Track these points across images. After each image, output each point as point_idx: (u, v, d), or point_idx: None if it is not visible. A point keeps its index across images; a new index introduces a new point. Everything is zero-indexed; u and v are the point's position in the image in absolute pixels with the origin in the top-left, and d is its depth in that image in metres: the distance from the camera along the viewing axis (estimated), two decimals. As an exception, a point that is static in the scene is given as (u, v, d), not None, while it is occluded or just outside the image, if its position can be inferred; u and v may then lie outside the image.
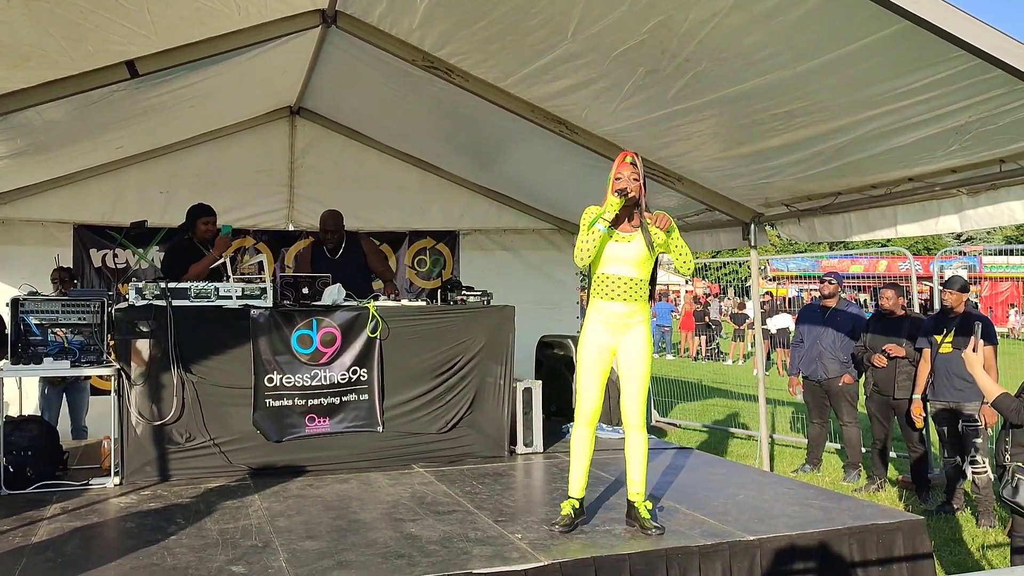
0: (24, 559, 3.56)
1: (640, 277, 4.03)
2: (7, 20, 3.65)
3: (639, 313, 4.05)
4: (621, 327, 4.05)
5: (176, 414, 5.01)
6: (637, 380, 4.08)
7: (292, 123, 7.91)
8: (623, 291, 4.01)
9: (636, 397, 4.10)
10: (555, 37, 4.37)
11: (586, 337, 4.13)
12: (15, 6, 3.53)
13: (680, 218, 7.21)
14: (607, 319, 4.05)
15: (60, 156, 6.53)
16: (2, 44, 3.91)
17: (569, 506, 4.11)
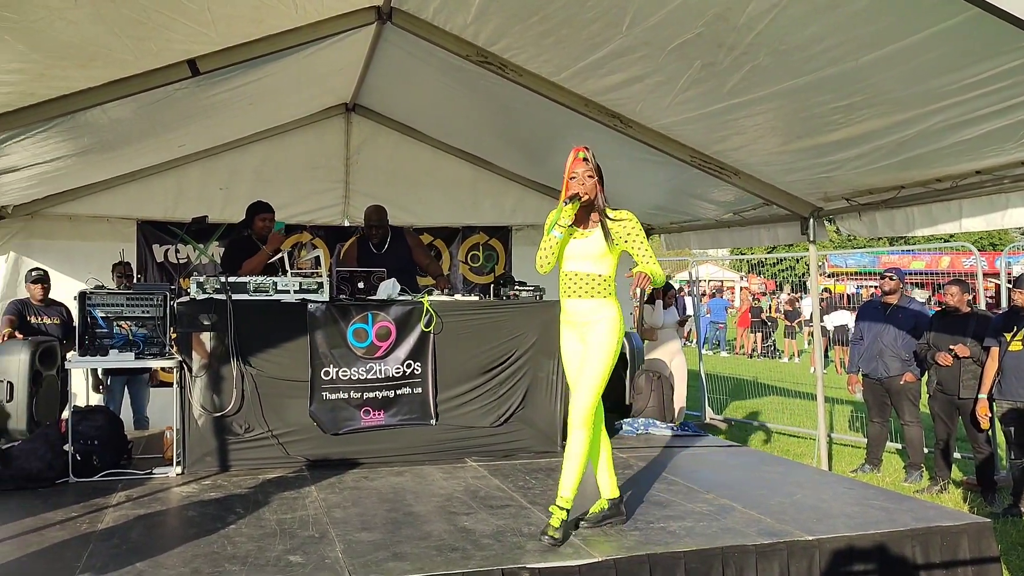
0: (91, 545, 3.66)
1: (600, 273, 3.90)
2: (75, 20, 3.75)
3: (603, 309, 3.89)
4: (585, 324, 3.91)
5: (235, 406, 5.11)
6: (587, 375, 3.87)
7: (348, 120, 8.00)
8: (583, 288, 3.89)
9: (583, 392, 3.87)
10: (610, 31, 4.34)
11: (561, 343, 4.07)
12: (82, 5, 3.62)
13: (737, 212, 7.12)
14: (571, 318, 3.96)
15: (124, 154, 6.71)
16: (70, 44, 4.03)
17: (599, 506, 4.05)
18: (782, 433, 9.63)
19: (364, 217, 6.63)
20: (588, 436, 3.91)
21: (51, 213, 7.40)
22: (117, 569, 3.35)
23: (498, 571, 3.42)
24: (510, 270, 8.51)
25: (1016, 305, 6.19)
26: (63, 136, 5.36)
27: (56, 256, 7.29)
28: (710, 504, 4.44)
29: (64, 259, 7.29)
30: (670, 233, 8.75)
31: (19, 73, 4.11)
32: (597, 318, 3.90)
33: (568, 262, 3.94)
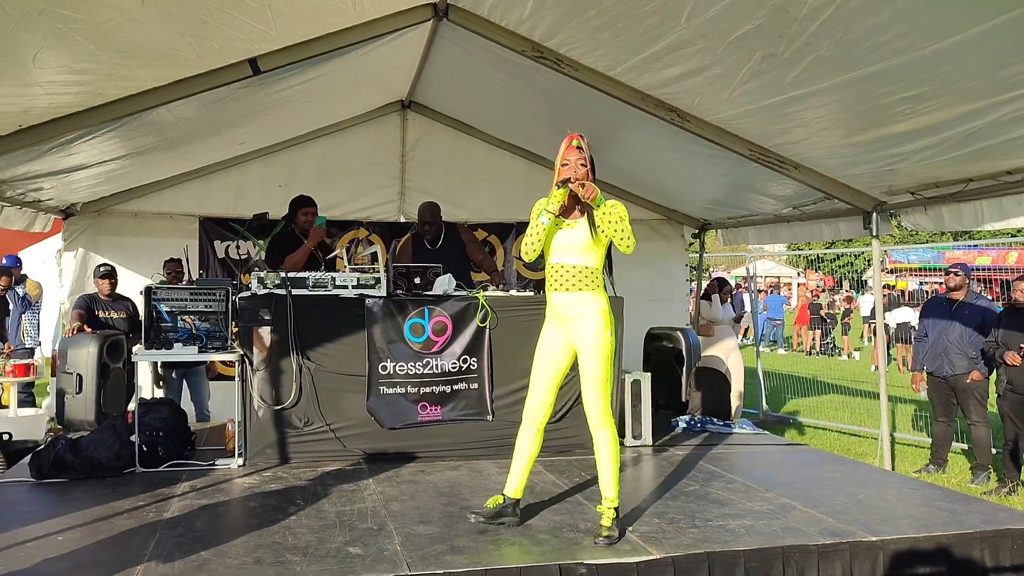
0: (158, 533, 3.76)
1: (586, 264, 3.80)
2: (143, 20, 3.84)
3: (589, 303, 3.80)
4: (571, 319, 3.83)
5: (295, 399, 5.20)
6: (591, 375, 3.81)
7: (403, 116, 8.07)
8: (568, 280, 3.81)
9: (593, 393, 3.83)
10: (668, 23, 4.28)
11: (541, 334, 3.99)
12: (149, 6, 3.71)
13: (796, 207, 7.00)
14: (556, 311, 3.88)
15: (188, 151, 6.86)
16: (137, 44, 4.13)
17: (494, 501, 3.98)
18: (842, 432, 9.44)
19: (417, 214, 6.67)
20: (613, 433, 3.89)
21: (117, 210, 7.61)
22: (183, 557, 3.43)
23: (555, 567, 3.41)
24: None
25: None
26: (130, 135, 5.51)
27: (122, 252, 7.49)
28: (770, 503, 4.37)
29: (130, 255, 7.48)
30: (727, 228, 8.63)
31: (89, 73, 4.23)
32: (584, 312, 3.80)
33: (553, 254, 3.86)
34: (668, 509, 4.23)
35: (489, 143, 8.24)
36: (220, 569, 3.31)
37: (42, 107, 4.51)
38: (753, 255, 11.48)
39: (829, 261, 32.10)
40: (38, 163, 5.49)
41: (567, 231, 3.84)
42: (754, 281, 11.62)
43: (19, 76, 3.95)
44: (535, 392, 3.99)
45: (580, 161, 3.80)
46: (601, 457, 3.87)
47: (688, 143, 5.98)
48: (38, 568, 3.31)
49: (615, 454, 3.88)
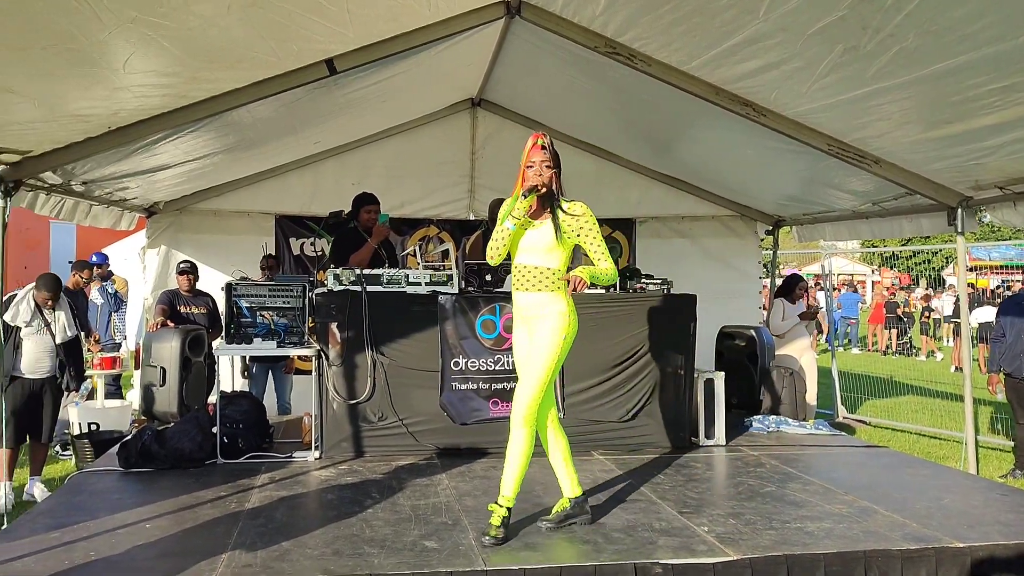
0: (240, 523, 3.87)
1: (549, 265, 3.79)
2: (226, 26, 3.95)
3: (550, 304, 3.79)
4: (532, 319, 3.83)
5: (369, 394, 5.28)
6: (531, 373, 3.77)
7: (473, 114, 8.11)
8: (530, 280, 3.80)
9: (526, 390, 3.78)
10: (745, 17, 4.20)
11: (514, 337, 3.99)
12: (233, 12, 3.81)
13: (876, 203, 6.81)
14: (520, 312, 3.88)
15: (265, 151, 7.03)
16: (221, 48, 4.24)
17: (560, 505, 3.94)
18: (921, 434, 9.16)
19: (488, 210, 6.70)
20: (529, 435, 3.82)
21: (197, 209, 7.84)
22: (265, 547, 3.52)
23: (631, 565, 3.40)
24: (634, 262, 8.43)
25: None
26: (210, 135, 5.67)
27: (202, 249, 7.72)
28: (849, 506, 4.27)
29: (209, 252, 7.71)
30: (802, 225, 8.44)
31: (175, 76, 4.37)
32: (545, 312, 3.80)
33: (519, 254, 3.85)
34: (744, 510, 4.17)
35: (559, 140, 8.11)
36: (301, 560, 3.39)
37: (130, 109, 4.66)
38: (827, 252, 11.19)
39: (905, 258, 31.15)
40: (125, 163, 5.68)
41: (532, 232, 3.84)
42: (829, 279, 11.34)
43: (110, 80, 4.10)
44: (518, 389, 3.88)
45: (545, 163, 3.77)
46: (513, 456, 3.81)
47: (763, 138, 5.86)
48: (129, 554, 3.44)
49: (527, 456, 3.82)
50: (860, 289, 26.30)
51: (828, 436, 6.27)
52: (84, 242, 16.83)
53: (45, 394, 5.97)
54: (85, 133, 4.81)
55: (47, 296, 5.86)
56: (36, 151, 4.85)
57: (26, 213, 5.71)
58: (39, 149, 4.84)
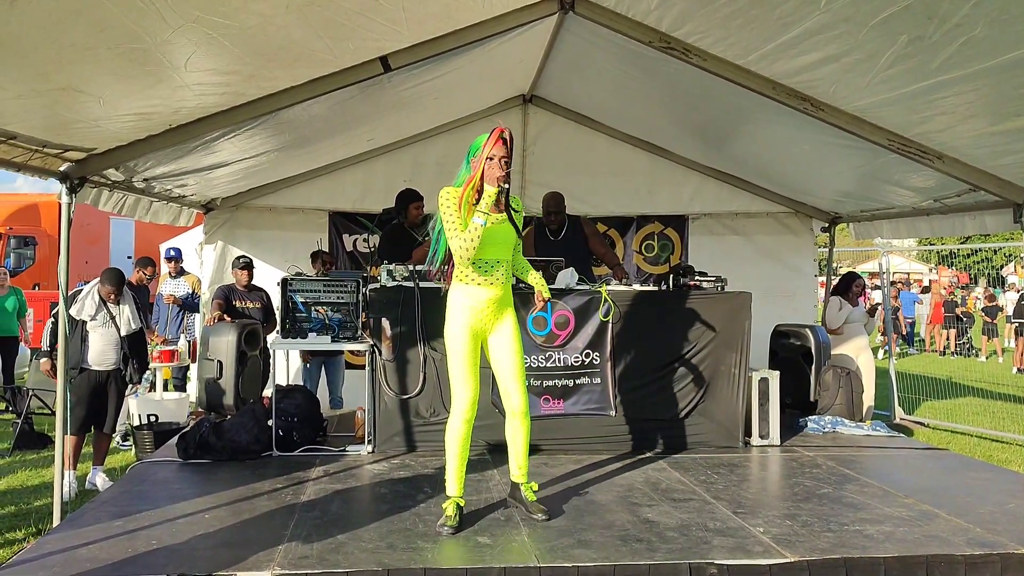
0: (296, 515, 3.93)
1: (510, 260, 3.95)
2: (284, 25, 4.00)
3: (508, 297, 3.98)
4: (493, 313, 3.90)
5: (421, 389, 5.31)
6: (518, 365, 3.98)
7: (525, 111, 8.10)
8: (499, 276, 3.87)
9: (520, 382, 4.01)
10: (805, 8, 4.12)
11: (455, 325, 3.88)
12: (292, 11, 3.85)
13: (937, 199, 6.63)
14: (478, 305, 3.85)
15: (319, 148, 7.11)
16: (279, 47, 4.30)
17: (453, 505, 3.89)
18: (983, 437, 8.90)
19: (542, 203, 6.69)
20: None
21: (253, 205, 7.97)
22: (320, 539, 3.57)
23: (685, 565, 3.37)
24: (686, 259, 8.34)
25: None
26: (267, 132, 5.75)
27: (257, 244, 7.85)
28: (910, 509, 4.17)
29: (264, 247, 7.83)
30: (859, 222, 8.26)
31: (235, 75, 4.44)
32: (506, 307, 3.98)
33: (482, 249, 3.81)
34: (800, 511, 4.10)
35: (610, 136, 8.17)
36: (356, 552, 3.42)
37: (190, 107, 4.75)
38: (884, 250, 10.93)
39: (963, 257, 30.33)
40: (184, 161, 5.80)
41: (497, 227, 3.84)
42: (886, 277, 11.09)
43: (172, 79, 4.18)
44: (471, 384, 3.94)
45: (505, 159, 3.76)
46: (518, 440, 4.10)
47: (820, 133, 5.74)
48: (189, 544, 3.51)
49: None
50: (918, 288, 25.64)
51: (886, 437, 6.14)
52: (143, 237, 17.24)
53: (110, 386, 6.12)
54: (147, 131, 4.92)
55: (111, 290, 6.00)
56: (100, 148, 4.97)
57: (87, 208, 5.86)
58: (103, 147, 4.96)
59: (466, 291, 3.90)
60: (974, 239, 27.50)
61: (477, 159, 3.79)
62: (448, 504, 3.88)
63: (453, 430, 3.95)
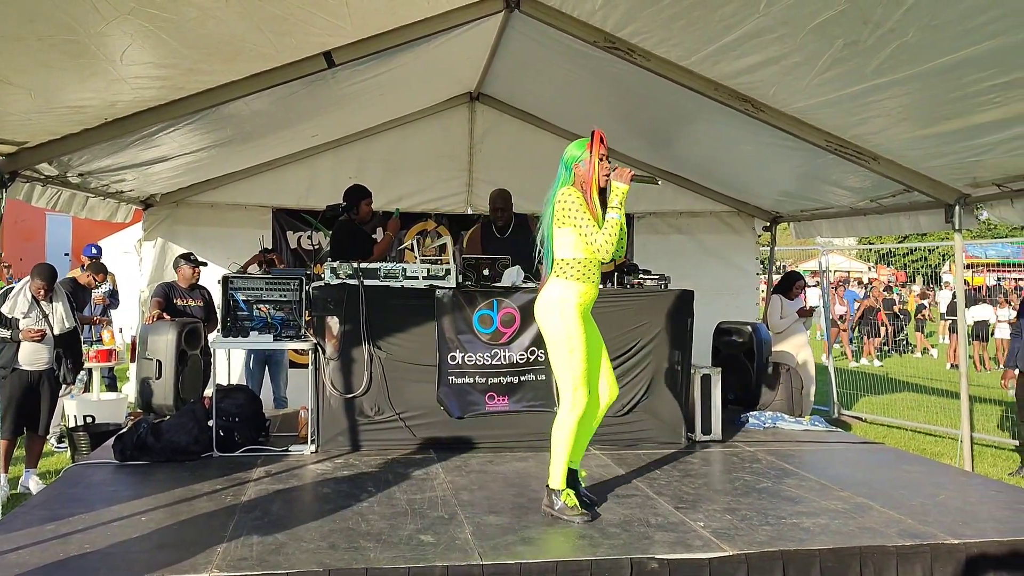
0: (236, 516, 3.86)
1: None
2: (224, 18, 3.93)
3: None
4: (589, 308, 4.03)
5: (365, 388, 5.27)
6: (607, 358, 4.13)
7: (472, 109, 8.09)
8: (599, 273, 4.03)
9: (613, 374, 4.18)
10: (745, 11, 4.19)
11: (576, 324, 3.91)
12: (232, 4, 3.79)
13: (874, 200, 6.80)
14: (586, 302, 3.96)
15: (262, 144, 7.01)
16: (219, 40, 4.22)
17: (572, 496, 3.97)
18: (917, 431, 9.17)
19: (489, 200, 6.68)
20: None
21: (194, 201, 7.81)
22: (261, 540, 3.52)
23: (626, 560, 3.39)
24: (632, 258, 8.40)
25: None
26: (208, 127, 5.65)
27: (199, 242, 7.68)
28: (845, 502, 4.27)
29: (206, 244, 7.67)
30: (799, 221, 8.44)
31: (173, 68, 4.35)
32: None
33: None
34: (740, 506, 4.17)
35: (557, 135, 8.18)
36: (296, 553, 3.38)
37: (127, 101, 4.64)
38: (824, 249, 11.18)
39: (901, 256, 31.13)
40: (121, 155, 5.66)
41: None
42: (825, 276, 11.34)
43: (107, 72, 4.08)
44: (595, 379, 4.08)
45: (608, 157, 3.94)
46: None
47: (761, 134, 5.85)
48: (124, 547, 3.43)
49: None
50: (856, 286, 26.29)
51: (824, 432, 6.28)
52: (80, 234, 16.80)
53: (43, 387, 5.96)
54: (81, 124, 4.79)
55: (41, 285, 5.83)
56: (32, 142, 4.82)
57: (22, 205, 5.69)
58: (35, 140, 4.82)
59: (578, 290, 3.93)
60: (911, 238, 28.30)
61: (583, 163, 3.90)
62: (567, 496, 3.92)
63: (571, 425, 3.94)
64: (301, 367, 6.66)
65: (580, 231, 3.84)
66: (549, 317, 3.96)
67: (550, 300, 3.96)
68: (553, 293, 3.96)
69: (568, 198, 3.87)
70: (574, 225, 3.85)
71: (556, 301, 3.94)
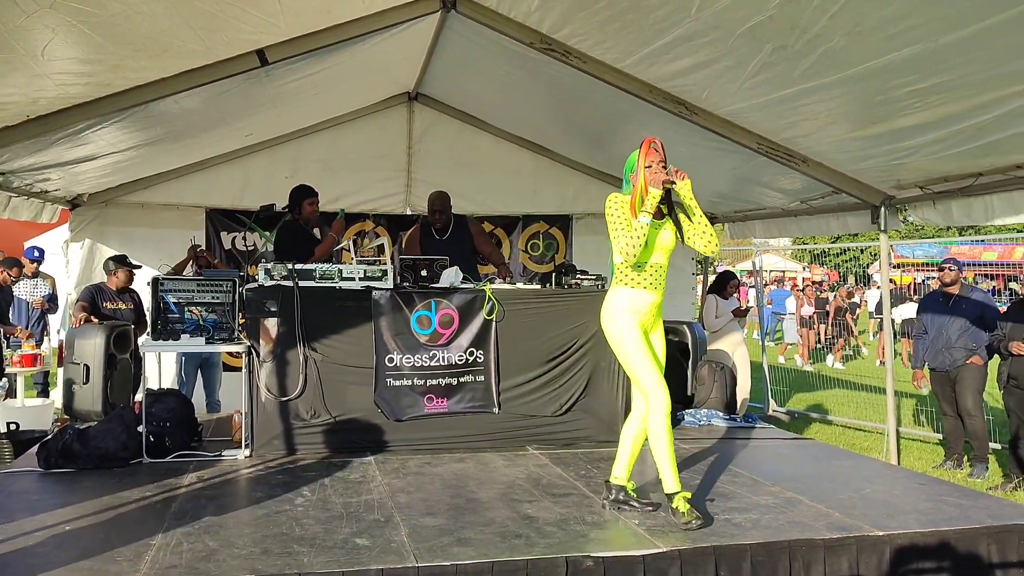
0: (165, 523, 3.77)
1: (666, 264, 4.03)
2: (151, 14, 3.84)
3: (662, 303, 4.06)
4: (649, 315, 4.00)
5: (301, 391, 5.20)
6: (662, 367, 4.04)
7: (410, 108, 8.05)
8: (656, 279, 3.98)
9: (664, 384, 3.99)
10: (678, 15, 4.26)
11: (631, 327, 3.94)
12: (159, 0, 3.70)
13: (804, 201, 6.97)
14: (641, 308, 3.97)
15: (194, 143, 6.87)
16: (146, 36, 4.12)
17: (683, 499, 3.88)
18: (847, 426, 9.43)
19: (428, 202, 6.66)
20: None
21: (124, 201, 7.61)
22: (190, 547, 3.44)
23: (562, 559, 3.41)
24: (571, 259, 8.48)
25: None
26: (136, 126, 5.51)
27: (129, 243, 7.49)
28: (776, 497, 4.37)
29: (137, 245, 7.48)
30: (733, 222, 8.60)
31: (98, 64, 4.24)
32: (659, 318, 4.08)
33: (647, 253, 3.95)
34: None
35: (496, 135, 8.22)
36: (228, 560, 3.31)
37: (50, 98, 4.50)
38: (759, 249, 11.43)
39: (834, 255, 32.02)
40: (45, 154, 5.48)
41: (661, 232, 3.99)
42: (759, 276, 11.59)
43: (28, 67, 3.95)
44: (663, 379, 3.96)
45: (662, 163, 3.93)
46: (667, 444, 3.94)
47: (696, 136, 5.96)
48: (46, 558, 3.32)
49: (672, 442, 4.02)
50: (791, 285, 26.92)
51: (758, 429, 6.41)
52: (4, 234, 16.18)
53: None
54: (2, 122, 4.63)
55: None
56: (-52, 140, 4.66)
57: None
58: (-49, 137, 4.65)
59: (631, 296, 3.96)
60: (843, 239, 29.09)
61: (635, 174, 3.94)
62: (678, 500, 3.86)
63: (662, 428, 3.89)
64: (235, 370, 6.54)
65: (613, 236, 3.94)
66: (603, 323, 4.07)
67: (604, 306, 4.08)
68: (607, 299, 4.06)
69: (609, 206, 3.96)
70: (610, 231, 3.95)
71: (607, 306, 4.06)
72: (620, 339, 3.98)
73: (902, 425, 9.04)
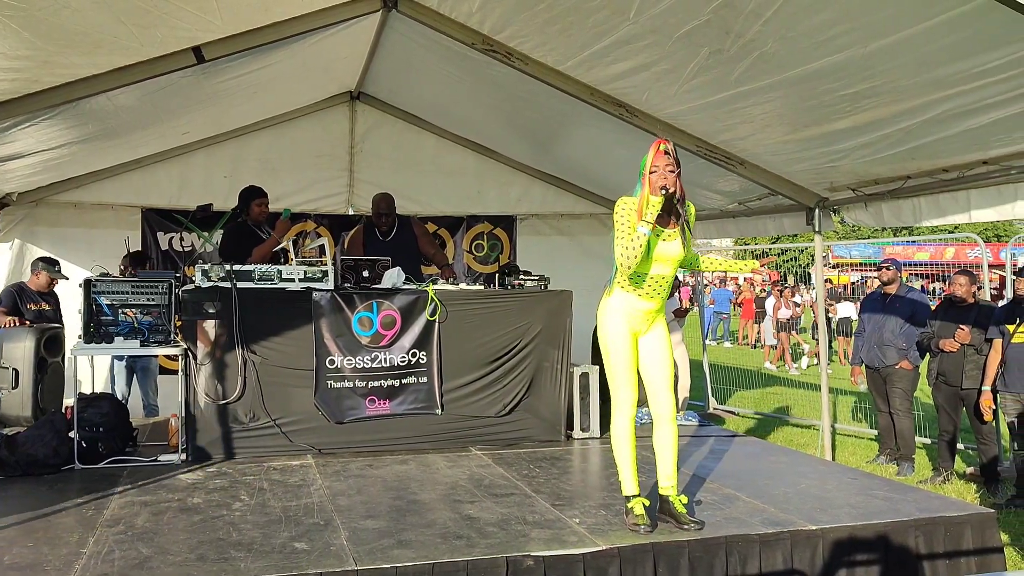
0: (97, 531, 3.68)
1: (672, 274, 3.91)
2: (80, 8, 3.74)
3: (662, 308, 3.98)
4: (645, 321, 3.92)
5: (239, 394, 5.12)
6: (667, 370, 3.93)
7: (352, 108, 7.98)
8: (658, 290, 3.86)
9: (669, 387, 3.95)
10: (616, 18, 4.31)
11: (615, 329, 3.88)
12: (88, -7, 3.62)
13: (742, 203, 7.10)
14: (635, 313, 3.88)
15: (129, 141, 6.70)
16: (75, 32, 4.01)
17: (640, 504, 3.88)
18: (785, 423, 9.63)
19: (372, 205, 6.62)
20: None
21: (56, 200, 7.39)
22: (123, 555, 3.37)
23: (503, 559, 3.42)
24: (515, 259, 8.50)
25: (1020, 296, 6.17)
26: (68, 123, 5.36)
27: (61, 243, 7.28)
28: (714, 493, 4.44)
29: (70, 246, 7.28)
30: (675, 223, 8.71)
31: (25, 60, 4.10)
32: (659, 317, 3.96)
33: (653, 265, 3.80)
34: (615, 501, 4.26)
35: (439, 136, 8.20)
36: (162, 567, 3.25)
37: (-26, 94, 4.36)
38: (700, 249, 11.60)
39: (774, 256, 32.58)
40: (-30, 151, 5.31)
41: (667, 243, 3.80)
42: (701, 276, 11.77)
43: (-51, 61, 3.82)
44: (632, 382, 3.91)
45: (668, 167, 3.69)
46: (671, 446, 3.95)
47: (636, 138, 6.00)
48: (-29, 569, 3.22)
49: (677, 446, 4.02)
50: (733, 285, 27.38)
51: (698, 427, 6.51)
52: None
53: None
54: (-77, 117, 4.47)
55: None
56: None
57: None
58: None
59: (626, 298, 3.86)
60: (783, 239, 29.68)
61: (645, 177, 3.73)
62: (635, 504, 3.83)
63: (623, 430, 3.89)
64: (172, 373, 6.41)
65: (615, 241, 3.81)
66: (597, 321, 3.99)
67: (599, 306, 3.99)
68: (603, 299, 3.98)
69: (616, 209, 3.81)
70: (615, 233, 3.81)
71: (600, 307, 3.97)
72: (604, 342, 3.94)
73: (839, 421, 9.28)
